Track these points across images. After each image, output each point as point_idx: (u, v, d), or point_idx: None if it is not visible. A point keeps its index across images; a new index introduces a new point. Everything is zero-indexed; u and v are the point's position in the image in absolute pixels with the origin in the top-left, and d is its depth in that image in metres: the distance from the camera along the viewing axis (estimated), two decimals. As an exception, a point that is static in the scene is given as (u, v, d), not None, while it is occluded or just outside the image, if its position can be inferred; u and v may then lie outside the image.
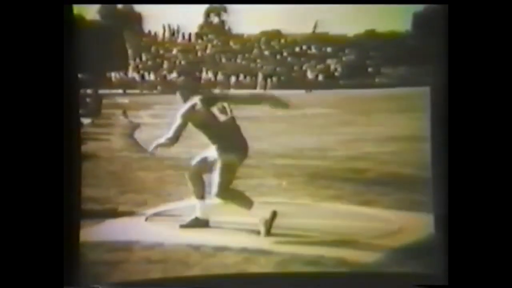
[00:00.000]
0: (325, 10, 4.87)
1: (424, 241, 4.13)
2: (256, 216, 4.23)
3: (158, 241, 4.07)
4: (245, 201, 4.23)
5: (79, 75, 4.39)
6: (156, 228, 4.32)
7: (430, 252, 4.03)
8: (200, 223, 4.33)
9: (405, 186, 4.65)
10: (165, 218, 4.48)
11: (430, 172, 4.30)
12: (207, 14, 5.60)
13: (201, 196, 4.34)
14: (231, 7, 5.34)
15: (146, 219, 4.45)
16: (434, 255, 4.01)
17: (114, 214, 4.46)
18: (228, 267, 3.86)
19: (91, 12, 4.84)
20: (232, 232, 4.24)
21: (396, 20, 4.94)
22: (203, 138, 4.37)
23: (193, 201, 4.38)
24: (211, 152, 4.30)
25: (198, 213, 4.35)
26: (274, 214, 4.19)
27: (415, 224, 4.29)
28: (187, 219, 4.38)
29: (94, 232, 4.17)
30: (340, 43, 5.62)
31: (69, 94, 4.04)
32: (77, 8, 4.23)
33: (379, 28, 5.25)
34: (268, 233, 4.17)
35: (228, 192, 4.22)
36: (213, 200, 4.31)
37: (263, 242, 4.07)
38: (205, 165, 4.31)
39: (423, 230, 4.20)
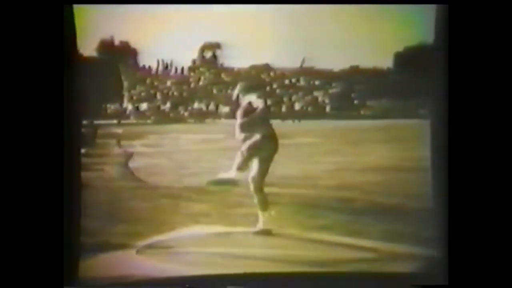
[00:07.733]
0: (312, 47, 5.06)
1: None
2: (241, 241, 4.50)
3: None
4: (266, 203, 4.69)
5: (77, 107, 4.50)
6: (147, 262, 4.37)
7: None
8: (265, 233, 4.66)
9: (391, 216, 4.76)
10: (157, 250, 4.54)
11: (417, 201, 4.43)
12: (202, 50, 5.75)
13: (266, 207, 4.71)
14: (223, 43, 5.49)
15: (137, 252, 4.50)
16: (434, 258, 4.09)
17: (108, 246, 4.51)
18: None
19: (89, 49, 4.99)
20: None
21: (379, 58, 5.15)
22: (194, 166, 4.49)
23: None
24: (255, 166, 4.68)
25: (261, 225, 4.68)
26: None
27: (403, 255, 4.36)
28: (181, 250, 4.49)
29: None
30: (326, 78, 5.78)
31: (69, 124, 4.19)
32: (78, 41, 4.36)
33: (362, 64, 5.45)
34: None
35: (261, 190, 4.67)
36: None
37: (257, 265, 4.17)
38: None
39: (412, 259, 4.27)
